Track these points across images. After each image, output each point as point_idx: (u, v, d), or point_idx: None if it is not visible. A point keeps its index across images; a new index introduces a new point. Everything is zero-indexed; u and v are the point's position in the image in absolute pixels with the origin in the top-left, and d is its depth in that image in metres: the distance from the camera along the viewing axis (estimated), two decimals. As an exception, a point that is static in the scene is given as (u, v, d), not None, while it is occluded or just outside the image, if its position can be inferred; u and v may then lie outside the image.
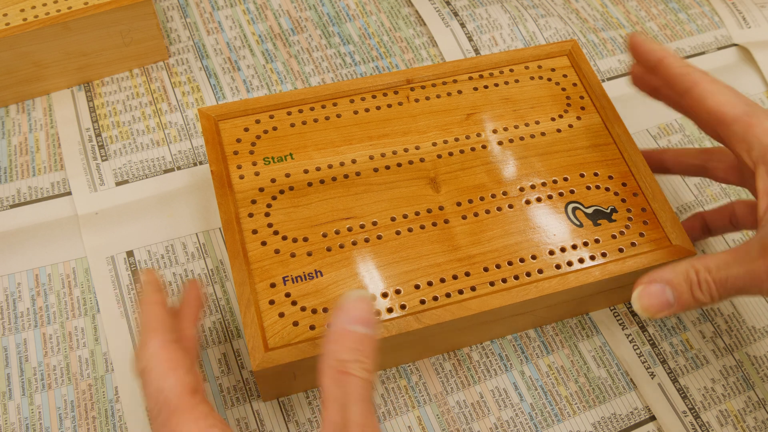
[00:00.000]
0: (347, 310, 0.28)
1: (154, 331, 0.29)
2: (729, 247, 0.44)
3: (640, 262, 0.36)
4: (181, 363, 0.28)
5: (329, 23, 0.52)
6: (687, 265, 0.32)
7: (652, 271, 0.33)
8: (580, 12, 0.55)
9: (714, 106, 0.33)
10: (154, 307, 0.30)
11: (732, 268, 0.30)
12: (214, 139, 0.38)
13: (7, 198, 0.43)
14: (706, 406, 0.39)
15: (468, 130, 0.40)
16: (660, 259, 0.36)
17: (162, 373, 0.27)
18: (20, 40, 0.42)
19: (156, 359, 0.28)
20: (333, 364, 0.27)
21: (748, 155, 0.32)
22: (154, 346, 0.28)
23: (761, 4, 0.56)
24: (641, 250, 0.36)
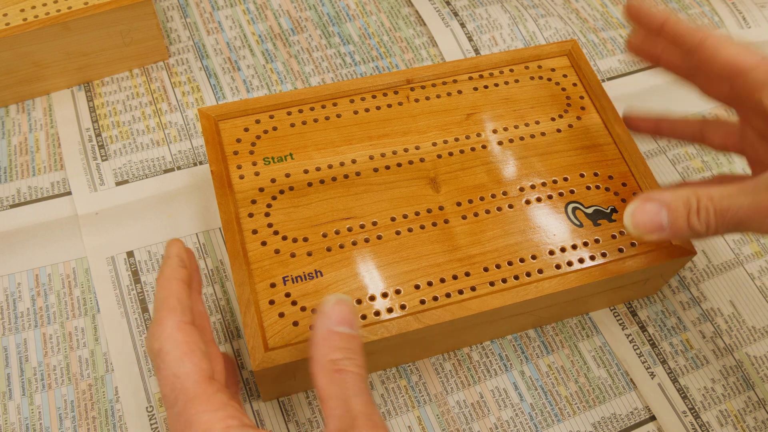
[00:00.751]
0: (329, 313, 0.28)
1: (172, 310, 0.28)
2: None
3: (640, 262, 0.36)
4: (197, 347, 0.27)
5: (329, 23, 0.52)
6: (689, 191, 0.31)
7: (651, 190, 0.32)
8: (580, 12, 0.55)
9: (730, 56, 0.33)
10: (174, 284, 0.29)
11: (736, 198, 0.29)
12: (214, 139, 0.38)
13: (7, 198, 0.43)
14: (706, 406, 0.39)
15: (468, 130, 0.40)
16: (660, 259, 0.36)
17: (178, 358, 0.27)
18: (20, 40, 0.42)
19: (172, 341, 0.27)
20: (326, 364, 0.27)
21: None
22: (170, 327, 0.27)
23: (761, 4, 0.56)
24: (641, 250, 0.36)
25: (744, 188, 0.30)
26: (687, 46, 0.34)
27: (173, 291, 0.29)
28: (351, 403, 0.26)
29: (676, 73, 0.37)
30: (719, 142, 0.37)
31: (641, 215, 0.31)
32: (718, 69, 0.33)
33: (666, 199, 0.31)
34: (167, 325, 0.27)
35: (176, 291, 0.29)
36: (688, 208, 0.30)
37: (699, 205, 0.30)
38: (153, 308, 0.29)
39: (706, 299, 0.42)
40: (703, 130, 0.38)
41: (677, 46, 0.35)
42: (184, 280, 0.29)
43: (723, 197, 0.30)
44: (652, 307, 0.42)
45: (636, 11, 0.36)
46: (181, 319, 0.28)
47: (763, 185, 0.29)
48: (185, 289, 0.29)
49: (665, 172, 0.47)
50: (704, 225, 0.30)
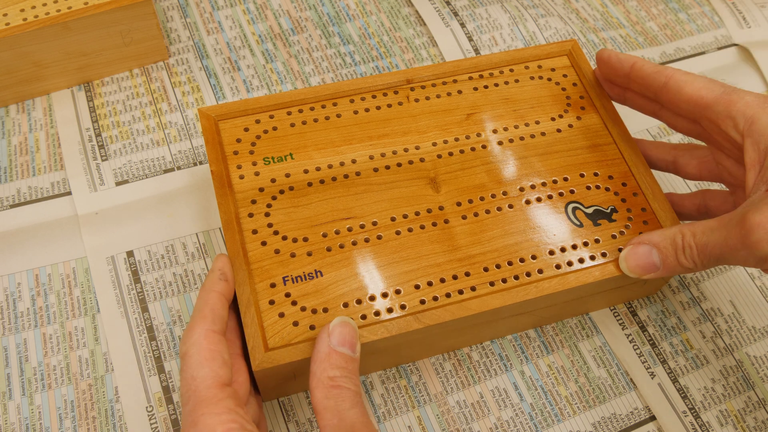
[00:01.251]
0: (334, 333, 0.30)
1: (203, 318, 0.30)
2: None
3: (640, 262, 0.36)
4: (219, 354, 0.29)
5: (329, 23, 0.52)
6: (675, 230, 0.33)
7: (643, 233, 0.33)
8: (580, 12, 0.55)
9: (692, 92, 0.34)
10: (212, 295, 0.31)
11: (713, 234, 0.31)
12: (214, 139, 0.38)
13: (7, 198, 0.43)
14: (706, 406, 0.39)
15: (468, 130, 0.40)
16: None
17: (198, 362, 0.28)
18: (20, 40, 0.42)
19: (197, 346, 0.29)
20: (324, 380, 0.29)
21: (734, 130, 0.33)
22: (198, 334, 0.29)
23: (761, 4, 0.56)
24: (641, 250, 0.36)
25: (720, 224, 0.31)
26: (654, 88, 0.36)
27: (209, 301, 0.31)
28: (347, 414, 0.28)
29: (642, 111, 0.39)
30: (693, 172, 0.38)
31: (634, 260, 0.34)
32: (684, 106, 0.35)
33: (655, 240, 0.33)
34: (196, 332, 0.29)
35: (212, 301, 0.31)
36: (675, 247, 0.33)
37: (684, 243, 0.32)
38: (191, 316, 0.31)
39: (706, 299, 0.42)
40: (676, 159, 0.39)
41: (645, 88, 0.37)
42: (222, 292, 0.31)
43: (703, 233, 0.31)
44: (652, 307, 0.42)
45: (606, 60, 0.39)
46: (210, 327, 0.30)
47: (734, 220, 0.30)
48: (222, 300, 0.31)
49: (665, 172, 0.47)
50: (691, 261, 0.32)
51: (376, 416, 0.37)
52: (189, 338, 0.29)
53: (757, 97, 0.33)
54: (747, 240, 0.29)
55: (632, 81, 0.38)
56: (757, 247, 0.29)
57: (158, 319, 0.39)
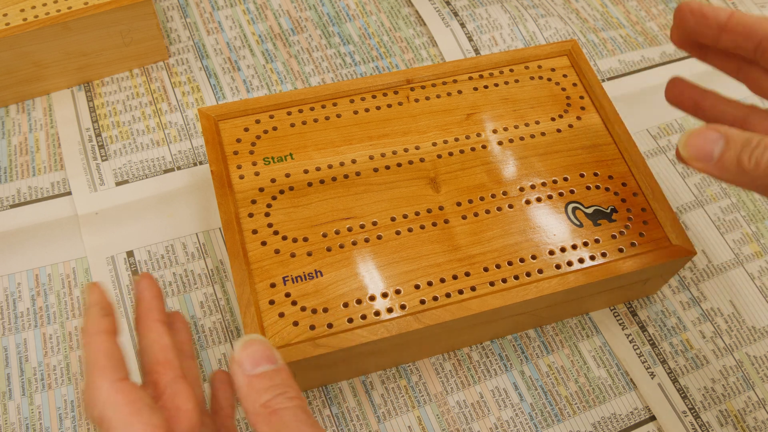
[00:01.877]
0: (241, 359, 0.27)
1: (101, 369, 0.25)
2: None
3: (640, 262, 0.36)
4: (141, 403, 0.25)
5: (329, 23, 0.52)
6: (756, 134, 0.30)
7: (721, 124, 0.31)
8: (580, 12, 0.55)
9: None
10: (99, 338, 0.26)
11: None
12: (214, 139, 0.38)
13: (7, 198, 0.43)
14: (706, 406, 0.39)
15: (468, 130, 0.40)
16: (660, 259, 0.36)
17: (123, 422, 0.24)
18: (20, 40, 0.42)
19: (111, 406, 0.25)
20: (258, 410, 0.26)
21: None
22: (106, 390, 0.25)
23: (761, 4, 0.56)
24: (641, 250, 0.36)
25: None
26: (758, 36, 0.32)
27: (100, 347, 0.26)
28: None
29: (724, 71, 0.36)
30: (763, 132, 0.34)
31: (697, 138, 0.30)
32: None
33: (729, 132, 0.30)
34: (102, 388, 0.25)
35: (103, 347, 0.26)
36: (748, 144, 0.29)
37: (759, 143, 0.29)
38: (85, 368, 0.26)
39: (706, 299, 0.42)
40: (748, 117, 0.35)
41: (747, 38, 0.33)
42: (109, 331, 0.27)
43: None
44: (652, 307, 0.42)
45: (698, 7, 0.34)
46: (114, 377, 0.25)
47: None
48: (112, 340, 0.27)
49: (665, 172, 0.47)
50: (754, 162, 0.29)
51: (376, 416, 0.37)
52: (97, 399, 0.25)
53: None
54: None
55: (728, 32, 0.33)
56: None
57: (158, 319, 0.39)
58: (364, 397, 0.38)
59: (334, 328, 0.33)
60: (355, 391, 0.38)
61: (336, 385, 0.38)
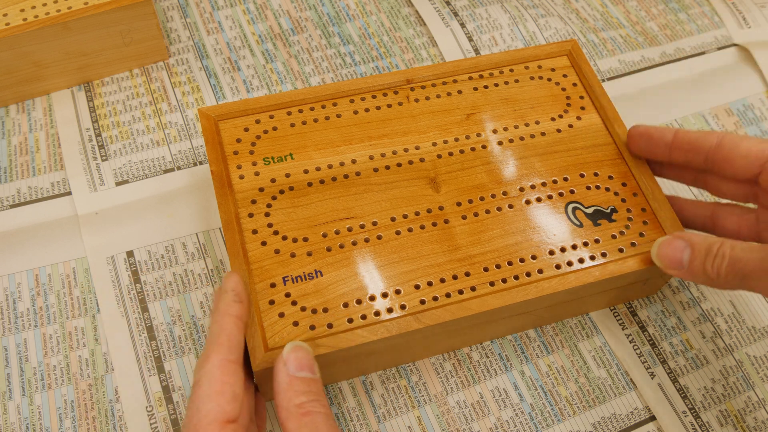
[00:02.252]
0: (289, 359, 0.29)
1: (219, 346, 0.28)
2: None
3: (639, 262, 0.36)
4: (230, 388, 0.28)
5: (329, 23, 0.52)
6: (718, 239, 0.32)
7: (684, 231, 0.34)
8: (580, 12, 0.55)
9: (751, 147, 0.34)
10: (228, 320, 0.29)
11: (753, 252, 0.30)
12: (214, 139, 0.38)
13: (7, 198, 0.43)
14: (706, 406, 0.39)
15: (468, 130, 0.40)
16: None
17: (207, 394, 0.27)
18: (20, 40, 0.42)
19: (209, 377, 0.28)
20: (292, 409, 0.28)
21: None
22: (213, 363, 0.28)
23: (761, 4, 0.56)
24: (641, 250, 0.36)
25: (762, 246, 0.30)
26: (705, 149, 0.35)
27: (225, 327, 0.29)
28: None
29: (681, 181, 0.38)
30: (732, 228, 0.37)
31: (666, 249, 0.33)
32: (742, 162, 0.34)
33: (694, 239, 0.33)
34: (211, 360, 0.28)
35: (228, 327, 0.29)
36: (709, 252, 0.32)
37: (718, 251, 0.31)
38: (205, 341, 0.29)
39: (706, 299, 0.42)
40: (715, 214, 0.38)
41: (694, 153, 0.36)
42: (238, 316, 0.30)
43: (743, 249, 0.31)
44: (652, 307, 0.42)
45: (645, 131, 0.37)
46: (226, 357, 0.28)
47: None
48: (238, 325, 0.29)
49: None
50: (715, 271, 0.31)
51: (376, 416, 0.37)
52: (203, 367, 0.28)
53: None
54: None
55: (676, 149, 0.36)
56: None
57: (158, 319, 0.39)
58: (364, 397, 0.38)
59: (334, 328, 0.33)
60: (355, 391, 0.38)
61: (336, 385, 0.38)
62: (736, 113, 0.50)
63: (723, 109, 0.50)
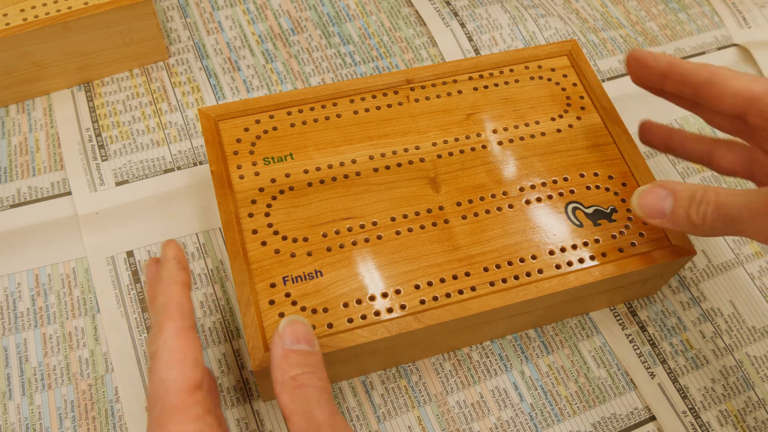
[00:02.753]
0: (284, 333, 0.29)
1: (171, 314, 0.28)
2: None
3: (639, 262, 0.36)
4: (191, 355, 0.27)
5: (329, 23, 0.52)
6: (700, 185, 0.32)
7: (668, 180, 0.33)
8: (580, 12, 0.55)
9: (740, 85, 0.33)
10: (174, 288, 0.28)
11: (738, 197, 0.30)
12: (214, 139, 0.38)
13: (7, 198, 0.43)
14: (706, 406, 0.39)
15: (468, 130, 0.40)
16: (660, 259, 0.36)
17: (168, 364, 0.27)
18: (20, 40, 0.42)
19: (167, 346, 0.27)
20: (286, 381, 0.27)
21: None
22: (168, 332, 0.27)
23: (761, 4, 0.56)
24: (641, 250, 0.36)
25: (748, 191, 0.30)
26: (695, 83, 0.35)
27: (173, 295, 0.28)
28: (314, 415, 0.27)
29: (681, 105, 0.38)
30: (727, 165, 0.37)
31: (648, 197, 0.33)
32: (730, 101, 0.34)
33: (676, 187, 0.32)
34: (165, 329, 0.27)
35: (176, 295, 0.28)
36: (693, 199, 0.31)
37: (703, 198, 0.31)
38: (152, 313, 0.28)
39: (706, 299, 0.42)
40: (712, 151, 0.37)
41: (685, 85, 0.35)
42: (184, 282, 0.29)
43: (727, 194, 0.30)
44: (652, 307, 0.42)
45: (639, 59, 0.37)
46: (180, 324, 0.27)
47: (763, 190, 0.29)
48: (185, 292, 0.29)
49: (665, 172, 0.47)
50: (701, 218, 0.31)
51: (376, 416, 0.37)
52: (158, 337, 0.27)
53: None
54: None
55: (669, 79, 0.36)
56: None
57: (158, 319, 0.39)
58: (364, 397, 0.38)
59: (334, 328, 0.33)
60: (355, 391, 0.38)
61: (336, 385, 0.38)
62: (736, 113, 0.50)
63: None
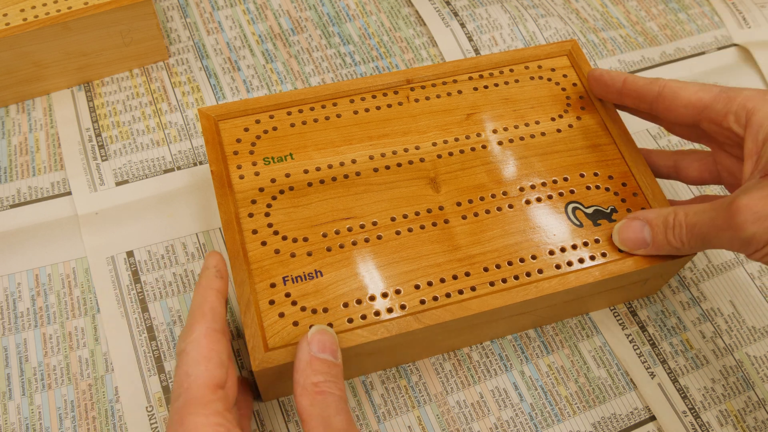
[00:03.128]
0: (311, 340, 0.30)
1: (203, 316, 0.30)
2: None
3: (640, 262, 0.36)
4: (216, 354, 0.29)
5: (329, 23, 0.52)
6: (669, 209, 0.33)
7: (639, 210, 0.35)
8: (580, 12, 0.55)
9: (690, 95, 0.35)
10: (210, 293, 0.31)
11: (703, 214, 0.31)
12: (214, 139, 0.38)
13: (7, 198, 0.43)
14: (706, 406, 0.39)
15: (468, 130, 0.40)
16: (659, 259, 0.36)
17: (195, 360, 0.28)
18: (20, 40, 0.42)
19: (196, 344, 0.29)
20: (308, 386, 0.29)
21: (736, 124, 0.33)
22: (198, 332, 0.29)
23: (761, 4, 0.56)
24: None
25: (711, 206, 0.32)
26: (648, 99, 0.37)
27: (207, 299, 0.30)
28: (332, 421, 0.28)
29: (642, 118, 0.40)
30: (695, 175, 0.39)
31: (626, 232, 0.35)
32: (682, 111, 0.35)
33: (649, 216, 0.34)
34: (196, 329, 0.29)
35: (210, 299, 0.30)
36: (666, 224, 0.33)
37: (675, 222, 0.33)
38: (187, 315, 0.30)
39: (706, 299, 0.42)
40: (677, 163, 0.39)
41: (640, 101, 0.37)
42: (220, 290, 0.31)
43: (695, 213, 0.32)
44: (652, 307, 0.42)
45: (597, 79, 0.39)
46: (210, 326, 0.29)
47: (724, 203, 0.31)
48: (220, 299, 0.31)
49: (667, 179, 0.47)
50: (679, 240, 0.33)
51: (376, 416, 0.37)
52: (188, 336, 0.29)
53: (756, 90, 0.34)
54: (732, 221, 0.30)
55: (625, 96, 0.38)
56: (741, 229, 0.29)
57: (158, 319, 0.39)
58: (364, 397, 0.38)
59: (334, 329, 0.33)
60: (355, 391, 0.38)
61: (336, 385, 0.38)
62: (736, 113, 0.50)
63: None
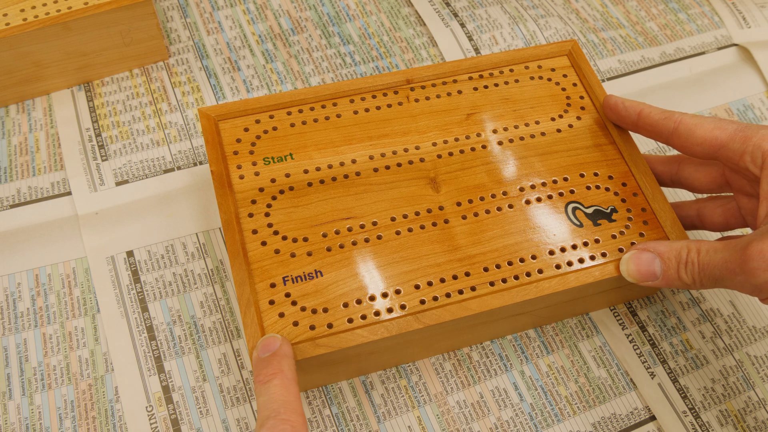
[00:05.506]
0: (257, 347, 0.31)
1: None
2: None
3: (640, 262, 0.36)
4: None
5: (329, 23, 0.52)
6: (682, 244, 0.33)
7: (650, 241, 0.34)
8: (580, 12, 0.55)
9: (705, 134, 0.34)
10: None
11: (717, 254, 0.31)
12: (214, 139, 0.38)
13: (7, 198, 0.43)
14: (706, 406, 0.39)
15: (468, 130, 0.40)
16: (660, 259, 0.36)
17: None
18: (20, 40, 0.42)
19: None
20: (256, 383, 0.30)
21: (753, 164, 0.33)
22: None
23: (761, 4, 0.56)
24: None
25: (726, 246, 0.31)
26: (664, 134, 0.36)
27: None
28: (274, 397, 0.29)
29: (659, 141, 0.39)
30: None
31: (635, 264, 0.34)
32: (699, 149, 0.35)
33: (661, 249, 0.33)
34: None
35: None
36: (679, 260, 0.33)
37: (688, 258, 0.32)
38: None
39: (705, 299, 0.42)
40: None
41: (655, 134, 0.37)
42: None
43: (707, 252, 0.32)
44: (652, 307, 0.42)
45: (613, 108, 0.39)
46: None
47: (738, 246, 0.30)
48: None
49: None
50: (691, 278, 0.32)
51: (376, 416, 0.37)
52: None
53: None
54: (745, 266, 0.29)
55: (640, 128, 0.38)
56: (753, 274, 0.29)
57: (158, 319, 0.39)
58: (364, 397, 0.38)
59: (334, 328, 0.33)
60: (355, 391, 0.38)
61: (336, 385, 0.38)
62: (736, 113, 0.50)
63: (723, 109, 0.50)
